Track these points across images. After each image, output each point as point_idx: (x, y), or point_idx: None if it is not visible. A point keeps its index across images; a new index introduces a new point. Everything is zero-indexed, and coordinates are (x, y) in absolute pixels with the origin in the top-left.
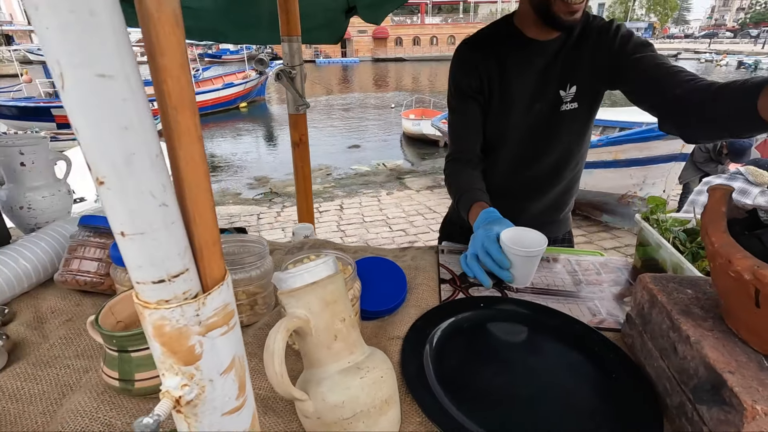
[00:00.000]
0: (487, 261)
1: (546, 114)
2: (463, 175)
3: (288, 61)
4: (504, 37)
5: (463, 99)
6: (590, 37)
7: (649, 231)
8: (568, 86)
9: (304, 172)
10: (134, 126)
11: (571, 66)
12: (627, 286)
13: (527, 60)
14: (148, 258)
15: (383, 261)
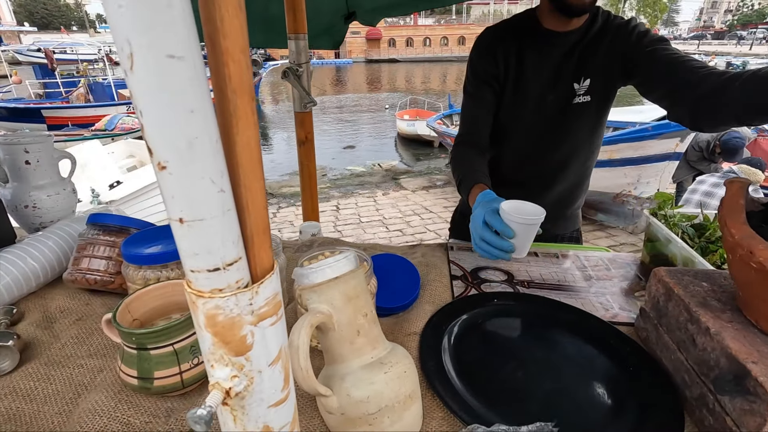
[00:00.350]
0: (488, 235)
1: (559, 106)
2: (468, 157)
3: (294, 59)
4: (525, 28)
5: (478, 84)
6: (609, 33)
7: (658, 226)
8: (582, 79)
9: (310, 170)
10: (199, 109)
11: (586, 59)
12: (636, 281)
13: (545, 51)
14: (205, 245)
15: (395, 258)
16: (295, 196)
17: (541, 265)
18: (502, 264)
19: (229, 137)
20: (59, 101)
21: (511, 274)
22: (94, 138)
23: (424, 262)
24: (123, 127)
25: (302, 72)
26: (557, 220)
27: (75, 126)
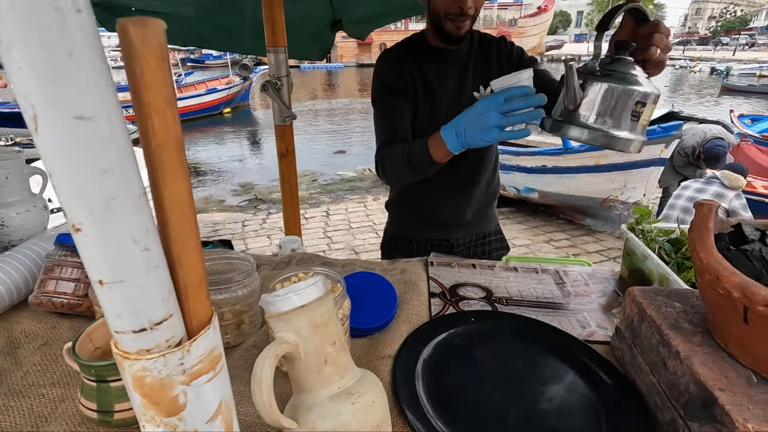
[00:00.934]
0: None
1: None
2: (399, 148)
3: (274, 71)
4: (418, 46)
5: (389, 94)
6: (492, 47)
7: (635, 242)
8: (481, 88)
9: (291, 183)
10: (115, 169)
11: (483, 71)
12: (614, 296)
13: (443, 65)
14: (128, 306)
15: (372, 276)
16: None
17: (520, 281)
18: (482, 280)
19: (158, 191)
20: None
21: (490, 290)
22: None
23: (402, 279)
24: None
25: (281, 85)
26: (481, 218)
27: None
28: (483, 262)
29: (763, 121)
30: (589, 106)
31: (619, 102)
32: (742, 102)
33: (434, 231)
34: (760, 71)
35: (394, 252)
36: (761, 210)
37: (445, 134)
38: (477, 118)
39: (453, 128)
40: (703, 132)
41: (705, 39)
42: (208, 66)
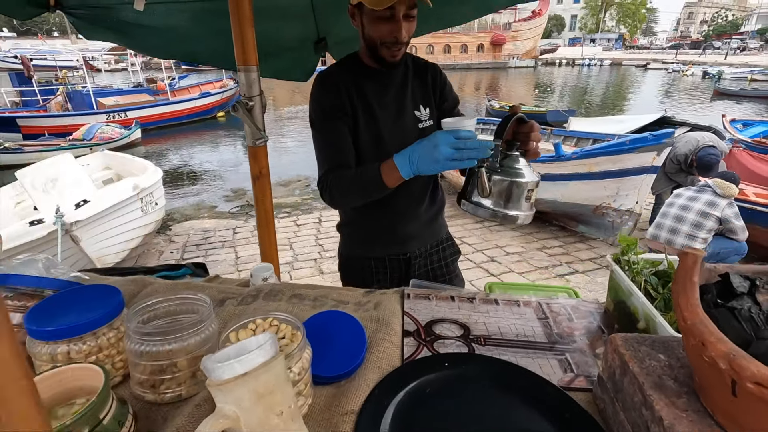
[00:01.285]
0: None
1: (409, 130)
2: (346, 172)
3: (245, 92)
4: (355, 67)
5: (331, 119)
6: (428, 72)
7: (620, 276)
8: (422, 108)
9: (266, 206)
10: None
11: (421, 92)
12: (599, 334)
13: (381, 85)
14: None
15: (341, 315)
16: (276, 207)
17: (500, 316)
18: (460, 315)
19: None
20: (36, 109)
21: (468, 327)
22: (71, 148)
23: (375, 317)
24: (102, 137)
25: (253, 105)
26: (433, 228)
27: (51, 135)
28: (463, 294)
29: (754, 125)
30: (498, 195)
31: (517, 191)
32: (734, 106)
33: (390, 247)
34: (752, 75)
35: (352, 274)
36: (753, 218)
37: (399, 161)
38: (431, 150)
39: (407, 156)
40: (696, 140)
41: (697, 43)
42: (203, 69)
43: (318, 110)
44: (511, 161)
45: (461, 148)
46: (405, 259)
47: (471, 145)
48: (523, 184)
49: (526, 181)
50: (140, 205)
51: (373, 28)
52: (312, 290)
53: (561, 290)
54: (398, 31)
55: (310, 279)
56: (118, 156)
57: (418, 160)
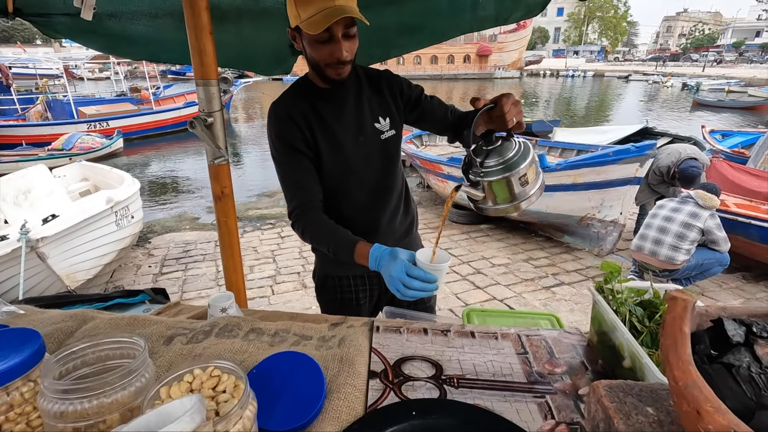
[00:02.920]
0: (416, 284)
1: (372, 143)
2: (322, 222)
3: (204, 107)
4: (307, 90)
5: (289, 151)
6: (382, 81)
7: (604, 308)
8: (380, 119)
9: (229, 228)
10: None
11: (378, 103)
12: (582, 371)
13: (336, 104)
14: None
15: (298, 358)
16: (261, 218)
17: (476, 351)
18: (432, 352)
19: None
20: (14, 118)
21: (440, 366)
22: (49, 158)
23: (338, 355)
24: (82, 147)
25: (213, 122)
26: (408, 243)
27: (29, 145)
28: (437, 326)
29: (733, 136)
30: (492, 197)
31: (508, 184)
32: (712, 116)
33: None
34: (729, 87)
35: (331, 295)
36: (734, 228)
37: (372, 258)
38: (387, 272)
39: (377, 260)
40: (678, 152)
41: (676, 55)
42: (190, 78)
43: (279, 146)
44: (492, 156)
45: (407, 287)
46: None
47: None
48: (509, 177)
49: (511, 173)
50: (114, 219)
51: (315, 51)
52: (273, 323)
53: (543, 317)
54: (339, 52)
55: (292, 293)
56: (96, 167)
57: (381, 269)
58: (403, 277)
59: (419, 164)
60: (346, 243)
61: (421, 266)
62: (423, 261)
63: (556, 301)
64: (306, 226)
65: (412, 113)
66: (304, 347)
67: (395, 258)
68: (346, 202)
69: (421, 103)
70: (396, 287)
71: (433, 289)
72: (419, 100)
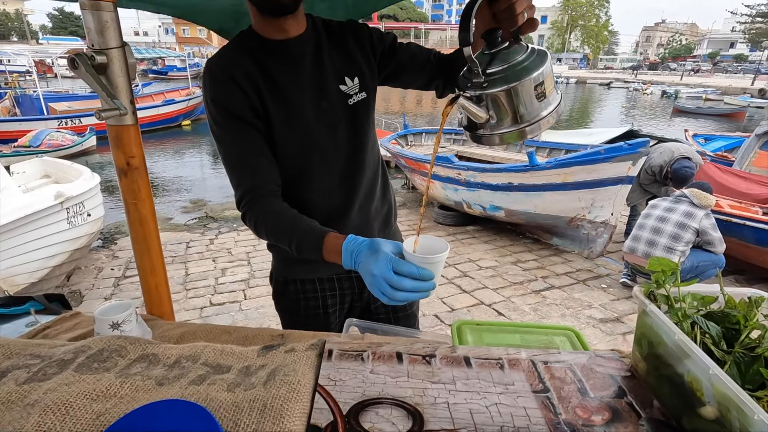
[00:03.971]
0: (407, 283)
1: (338, 110)
2: (279, 212)
3: (94, 40)
4: (252, 44)
5: (236, 124)
6: (346, 33)
7: (665, 326)
8: (347, 80)
9: (141, 214)
10: None
11: (343, 60)
12: (634, 420)
13: (291, 62)
14: None
15: (185, 409)
16: (237, 220)
17: (473, 389)
18: (408, 391)
19: None
20: None
21: (420, 415)
22: (15, 155)
23: (260, 399)
24: (51, 144)
25: (106, 63)
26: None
27: None
28: (416, 349)
29: (715, 140)
30: (499, 115)
31: (520, 97)
32: (692, 122)
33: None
34: (706, 95)
35: (293, 302)
36: (729, 230)
37: (345, 253)
38: (368, 270)
39: (353, 255)
40: (671, 151)
41: (655, 64)
42: (172, 78)
43: (217, 116)
44: (500, 59)
45: (396, 288)
46: (357, 275)
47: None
48: (524, 84)
49: (526, 78)
50: (66, 217)
51: None
52: (177, 347)
53: (557, 332)
54: None
55: (266, 298)
56: (58, 162)
57: (359, 266)
58: (389, 275)
59: (404, 164)
60: (312, 237)
61: (412, 259)
62: (413, 253)
63: (547, 305)
64: (259, 218)
65: (387, 67)
66: (210, 386)
67: (376, 252)
68: (306, 185)
69: (396, 51)
70: (381, 289)
71: (429, 288)
72: (393, 48)
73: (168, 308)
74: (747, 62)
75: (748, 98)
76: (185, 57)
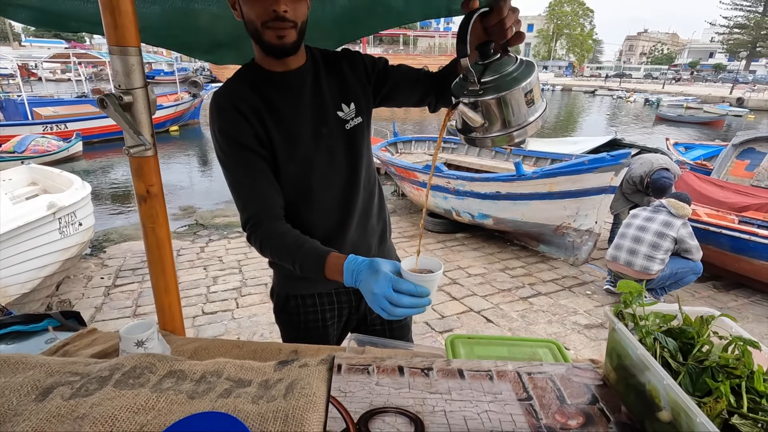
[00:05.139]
0: (405, 300)
1: (336, 135)
2: (283, 234)
3: (121, 81)
4: (254, 76)
5: (242, 152)
6: (342, 61)
7: (630, 342)
8: (344, 106)
9: (159, 237)
10: None
11: (339, 87)
12: (604, 424)
13: (291, 92)
14: None
15: (222, 420)
16: (228, 227)
17: (467, 398)
18: (410, 401)
19: None
20: None
21: (421, 421)
22: None
23: (282, 410)
24: (36, 150)
25: (132, 101)
26: (383, 252)
27: None
28: (415, 363)
29: (695, 149)
30: (492, 120)
31: (512, 103)
32: (674, 130)
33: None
34: (687, 103)
35: (292, 317)
36: (705, 238)
37: (346, 272)
38: (369, 289)
39: (354, 274)
40: (650, 162)
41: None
42: (159, 82)
43: (224, 145)
44: (493, 69)
45: (395, 305)
46: (355, 290)
47: (404, 307)
48: (515, 93)
49: (517, 87)
50: (58, 227)
51: (250, 8)
52: (200, 364)
53: (541, 345)
54: (276, 3)
55: (258, 306)
56: (46, 170)
57: (360, 284)
58: (389, 293)
59: (394, 172)
60: (314, 257)
61: (410, 278)
62: (411, 272)
63: (534, 312)
64: (264, 240)
65: (382, 89)
66: (236, 399)
67: (376, 271)
68: (307, 206)
69: (389, 74)
70: (381, 306)
71: (425, 304)
72: (386, 71)
73: (180, 325)
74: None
75: (726, 107)
76: (173, 61)
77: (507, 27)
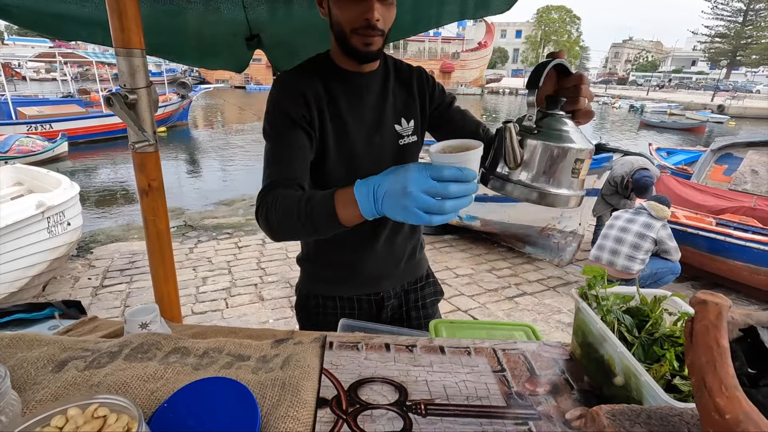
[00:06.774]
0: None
1: (388, 147)
2: (290, 194)
3: (126, 81)
4: (324, 69)
5: (290, 126)
6: (413, 77)
7: (591, 318)
8: (403, 121)
9: (158, 229)
10: None
11: (404, 102)
12: (568, 390)
13: (357, 92)
14: None
15: (225, 384)
16: (217, 228)
17: (447, 370)
18: (395, 372)
19: None
20: None
21: (405, 389)
22: None
23: (281, 379)
24: (20, 150)
25: (136, 100)
26: (411, 266)
27: None
28: (401, 340)
29: (676, 154)
30: (530, 165)
31: (560, 160)
32: (657, 136)
33: (359, 287)
34: (670, 110)
35: (312, 315)
36: (684, 239)
37: (360, 194)
38: (399, 193)
39: (371, 188)
40: (631, 163)
41: (623, 79)
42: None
43: (276, 117)
44: (553, 121)
45: (444, 197)
46: (377, 299)
47: (453, 197)
48: (568, 150)
49: (573, 147)
50: (46, 226)
51: (341, 12)
52: (203, 341)
53: (517, 328)
54: (369, 12)
55: (248, 306)
56: (32, 170)
57: (383, 199)
58: (430, 185)
59: None
60: (321, 199)
61: (445, 160)
62: (446, 154)
63: (519, 311)
64: (270, 203)
65: (437, 120)
66: (237, 370)
67: (400, 171)
68: None
69: (451, 111)
70: (424, 206)
71: (474, 190)
72: (450, 107)
73: (177, 313)
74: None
75: (708, 113)
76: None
77: (581, 95)
